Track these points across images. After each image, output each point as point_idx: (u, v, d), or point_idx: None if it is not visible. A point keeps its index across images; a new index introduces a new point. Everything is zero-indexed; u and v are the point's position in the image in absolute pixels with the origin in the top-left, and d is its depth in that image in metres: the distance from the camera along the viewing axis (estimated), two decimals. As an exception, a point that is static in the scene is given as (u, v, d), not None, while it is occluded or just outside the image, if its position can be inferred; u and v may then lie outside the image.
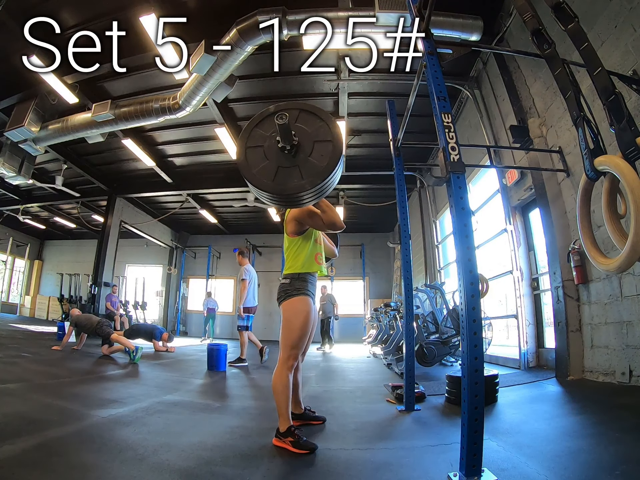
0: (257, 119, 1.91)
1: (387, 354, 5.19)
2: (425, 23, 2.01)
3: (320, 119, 1.84)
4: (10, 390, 2.73)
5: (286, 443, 1.80)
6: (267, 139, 1.83)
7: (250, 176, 1.77)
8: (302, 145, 1.78)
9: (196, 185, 9.06)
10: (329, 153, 1.76)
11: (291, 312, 1.98)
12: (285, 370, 1.92)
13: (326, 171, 1.74)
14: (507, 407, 2.59)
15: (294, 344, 1.95)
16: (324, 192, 1.81)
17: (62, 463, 1.53)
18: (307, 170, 1.75)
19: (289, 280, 2.02)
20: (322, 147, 1.78)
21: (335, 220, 1.99)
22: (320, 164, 1.75)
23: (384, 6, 3.77)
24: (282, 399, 1.88)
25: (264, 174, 1.77)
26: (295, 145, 1.76)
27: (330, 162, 1.75)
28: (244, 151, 1.83)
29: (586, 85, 2.35)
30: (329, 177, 1.74)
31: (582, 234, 1.91)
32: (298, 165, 1.76)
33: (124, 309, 10.00)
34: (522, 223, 4.69)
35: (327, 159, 1.75)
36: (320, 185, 1.73)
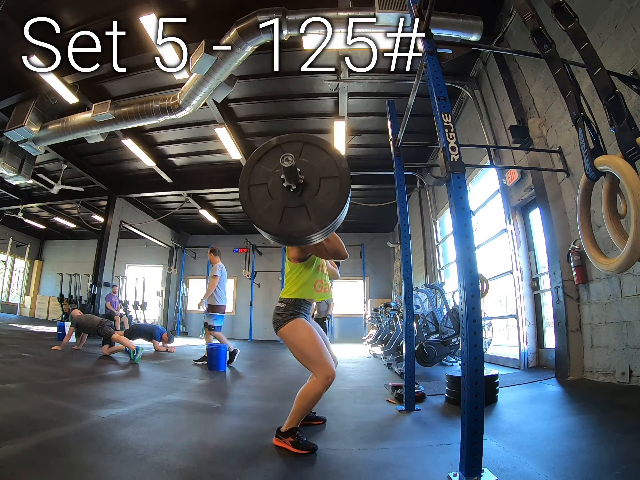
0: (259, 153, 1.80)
1: (387, 354, 5.19)
2: (425, 23, 2.01)
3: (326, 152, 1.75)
4: (10, 390, 2.73)
5: (286, 443, 1.79)
6: (271, 176, 1.72)
7: (256, 217, 1.68)
8: (308, 183, 1.69)
9: (196, 185, 9.05)
10: (337, 191, 1.66)
11: (293, 334, 1.93)
12: (322, 390, 1.85)
13: (334, 211, 1.64)
14: (507, 407, 2.59)
15: (318, 357, 1.88)
16: (332, 229, 1.74)
17: (62, 463, 1.53)
18: (314, 210, 1.65)
19: (284, 305, 1.99)
20: (329, 184, 1.69)
21: (339, 250, 1.95)
22: (328, 202, 1.66)
23: (384, 6, 3.77)
24: (305, 409, 1.86)
25: (269, 215, 1.68)
26: (301, 184, 1.67)
27: (339, 200, 1.65)
28: (247, 190, 1.72)
29: (586, 85, 2.35)
30: (337, 216, 1.65)
31: (582, 234, 1.91)
32: (305, 204, 1.67)
33: (124, 309, 10.00)
34: (522, 223, 4.68)
35: (335, 198, 1.66)
36: (329, 226, 1.65)
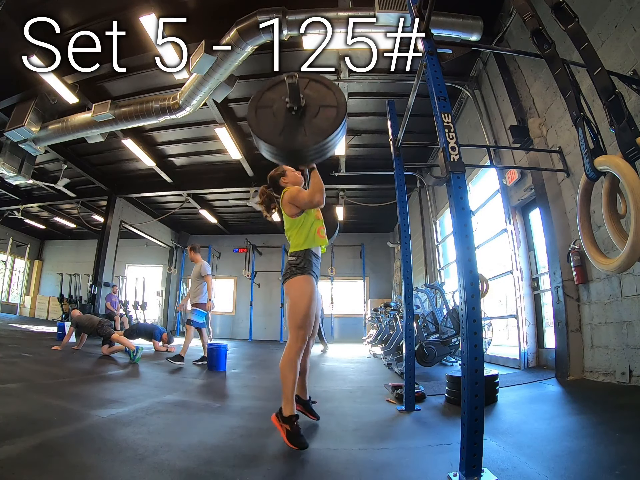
0: (269, 84, 2.09)
1: (387, 354, 5.19)
2: (425, 23, 2.01)
3: (328, 88, 2.02)
4: (10, 390, 2.73)
5: (283, 429, 1.82)
6: (277, 101, 2.00)
7: (258, 131, 1.94)
8: (309, 107, 1.96)
9: (196, 185, 9.05)
10: (333, 117, 1.94)
11: (296, 292, 2.03)
12: (294, 353, 1.95)
13: (328, 132, 1.90)
14: (507, 407, 2.59)
15: (301, 324, 1.99)
16: (324, 152, 1.97)
17: (62, 463, 1.53)
18: (311, 130, 1.92)
19: (295, 258, 2.07)
20: (327, 111, 1.95)
21: (314, 195, 2.00)
22: (324, 125, 1.92)
23: (384, 6, 3.77)
24: (289, 382, 1.90)
25: (271, 130, 1.94)
26: (302, 107, 1.93)
27: (333, 125, 1.92)
28: (255, 110, 2.01)
29: (586, 85, 2.35)
30: (331, 136, 1.90)
31: (582, 234, 1.91)
32: (303, 124, 1.93)
33: (124, 309, 9.99)
34: (522, 223, 4.69)
35: (330, 123, 1.92)
36: (322, 143, 1.90)
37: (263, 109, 2.00)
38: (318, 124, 1.93)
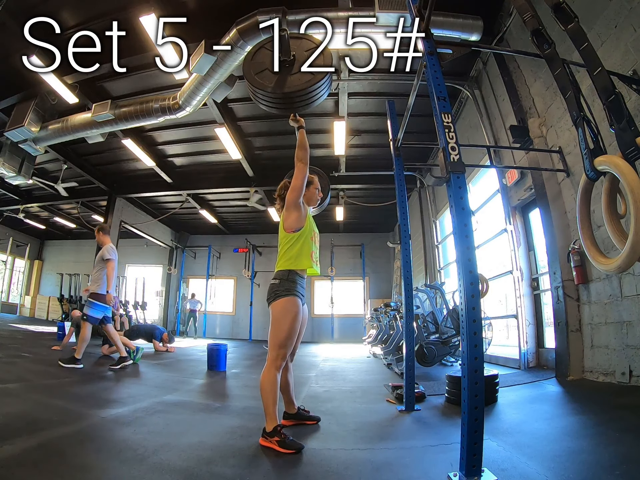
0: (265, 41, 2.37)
1: (387, 354, 5.19)
2: (425, 23, 2.01)
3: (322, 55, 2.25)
4: (10, 390, 2.73)
5: (272, 443, 1.80)
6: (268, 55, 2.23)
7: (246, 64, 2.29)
8: (293, 65, 2.21)
9: (196, 185, 9.05)
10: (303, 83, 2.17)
11: (280, 312, 2.00)
12: (274, 370, 1.94)
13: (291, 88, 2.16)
14: (507, 407, 2.59)
15: (282, 344, 1.97)
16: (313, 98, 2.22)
17: (62, 463, 1.53)
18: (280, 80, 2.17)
19: (278, 281, 2.04)
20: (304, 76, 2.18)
21: (298, 150, 2.14)
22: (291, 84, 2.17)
23: (384, 6, 3.77)
24: (270, 398, 1.89)
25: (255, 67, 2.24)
26: (288, 62, 2.19)
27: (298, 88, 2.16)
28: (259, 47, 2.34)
29: (586, 85, 2.35)
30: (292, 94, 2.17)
31: (582, 234, 1.91)
32: (279, 75, 2.18)
33: (124, 309, 9.99)
34: (522, 223, 4.69)
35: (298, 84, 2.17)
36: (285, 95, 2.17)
37: (264, 50, 2.28)
38: (288, 80, 2.18)
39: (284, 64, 2.15)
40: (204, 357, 4.78)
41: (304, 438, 1.97)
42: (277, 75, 2.16)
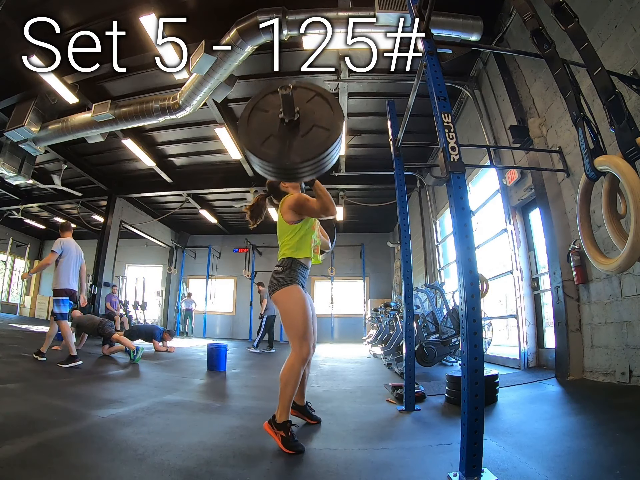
0: (274, 87, 1.92)
1: (387, 354, 5.19)
2: (425, 23, 2.01)
3: (331, 109, 1.86)
4: (10, 390, 2.73)
5: (277, 436, 1.79)
6: (276, 107, 1.86)
7: (244, 133, 1.83)
8: (302, 123, 1.81)
9: (196, 185, 9.05)
10: (322, 141, 1.76)
11: (287, 302, 1.96)
12: (299, 363, 1.87)
13: (308, 155, 1.74)
14: (507, 407, 2.59)
15: (303, 333, 1.90)
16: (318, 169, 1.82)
17: (62, 463, 1.53)
18: (293, 147, 1.78)
19: (281, 269, 2.02)
20: (319, 133, 1.79)
21: (329, 206, 1.97)
22: (308, 147, 1.76)
23: (384, 6, 3.77)
24: (289, 391, 1.86)
25: (256, 135, 1.81)
26: (294, 121, 1.79)
27: (317, 150, 1.75)
28: (251, 109, 1.89)
29: (586, 85, 2.35)
30: (307, 162, 1.75)
31: (582, 234, 1.91)
32: (289, 139, 1.80)
33: (124, 309, 9.99)
34: (522, 223, 4.68)
35: (316, 146, 1.75)
36: (297, 166, 1.76)
37: (257, 112, 1.89)
38: (302, 144, 1.78)
39: (289, 125, 1.79)
40: (204, 357, 4.78)
41: (304, 438, 1.97)
42: (282, 140, 1.79)
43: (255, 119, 1.86)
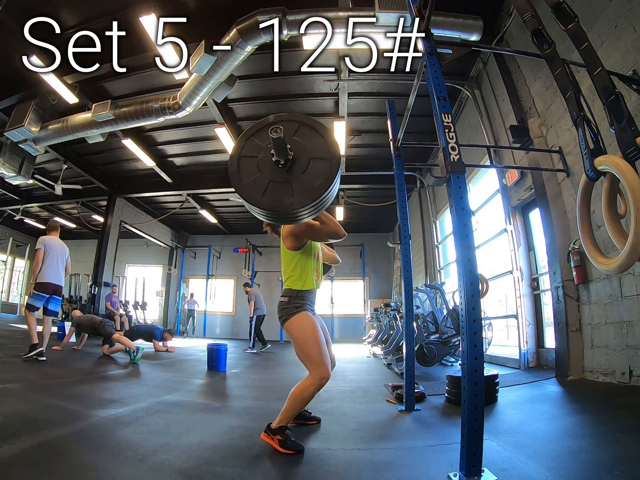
0: (255, 127, 1.82)
1: (387, 354, 5.19)
2: (425, 23, 2.01)
3: (320, 135, 1.76)
4: (10, 390, 2.73)
5: (274, 441, 1.79)
6: (263, 150, 1.73)
7: (240, 188, 1.70)
8: (298, 160, 1.70)
9: (196, 185, 9.06)
10: (324, 173, 1.67)
11: (298, 331, 1.93)
12: (315, 387, 1.84)
13: (318, 191, 1.64)
14: (507, 407, 2.59)
15: (319, 360, 1.86)
16: (314, 211, 1.72)
17: (62, 463, 1.53)
18: (298, 188, 1.66)
19: (287, 299, 1.99)
20: (318, 165, 1.69)
21: (336, 230, 1.95)
22: (314, 183, 1.66)
23: (384, 6, 3.77)
24: (296, 408, 1.86)
25: (254, 187, 1.68)
26: (290, 160, 1.68)
27: (325, 182, 1.65)
28: (237, 160, 1.75)
29: (586, 85, 2.35)
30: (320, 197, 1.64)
31: (582, 234, 1.91)
32: (290, 181, 1.68)
33: (124, 309, 10.00)
34: (522, 223, 4.68)
35: (322, 179, 1.66)
36: (310, 205, 1.64)
37: (246, 160, 1.74)
38: (307, 181, 1.66)
39: (285, 166, 1.67)
40: (204, 357, 4.78)
41: (304, 438, 1.97)
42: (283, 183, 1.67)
43: (246, 168, 1.73)
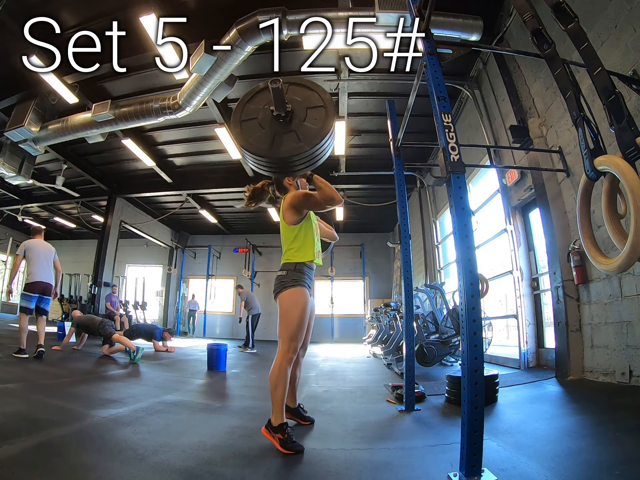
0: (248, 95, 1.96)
1: (387, 354, 5.19)
2: (425, 23, 2.01)
3: (310, 89, 1.89)
4: (10, 390, 2.73)
5: (275, 439, 1.79)
6: (261, 111, 1.86)
7: (248, 145, 1.79)
8: (296, 112, 1.82)
9: (196, 185, 9.06)
10: (323, 117, 1.80)
11: (288, 303, 1.96)
12: (285, 364, 1.90)
13: (323, 132, 1.76)
14: (507, 407, 2.59)
15: (293, 336, 1.92)
16: (318, 158, 1.82)
17: (62, 463, 1.53)
18: (303, 134, 1.78)
19: (285, 272, 2.01)
20: (316, 112, 1.82)
21: (333, 195, 1.95)
22: (316, 126, 1.79)
23: (384, 6, 3.77)
24: (279, 392, 1.88)
25: (261, 141, 1.80)
26: (289, 112, 1.80)
27: (326, 124, 1.78)
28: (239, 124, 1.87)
29: (586, 85, 2.35)
30: (325, 138, 1.76)
31: (582, 234, 1.91)
32: (294, 130, 1.80)
33: (124, 309, 10.00)
34: (522, 223, 4.68)
35: (322, 122, 1.79)
36: (318, 147, 1.76)
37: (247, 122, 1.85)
38: (309, 127, 1.79)
39: (281, 120, 1.79)
40: (204, 357, 4.78)
41: (304, 438, 1.97)
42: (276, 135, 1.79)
43: (249, 129, 1.85)
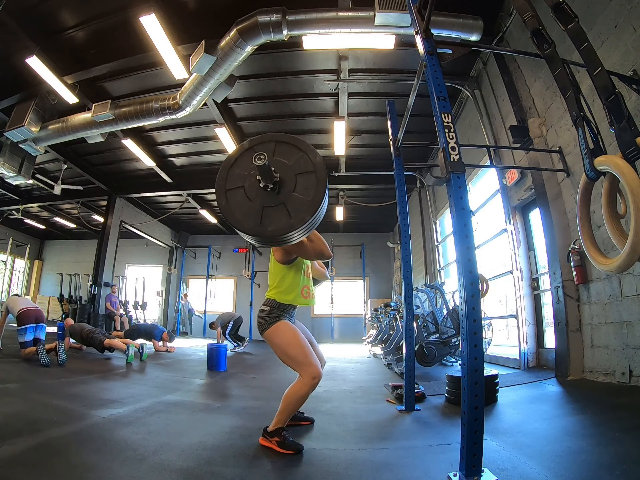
0: (233, 157, 1.78)
1: (387, 354, 5.19)
2: (425, 23, 2.01)
3: (299, 149, 1.73)
4: (10, 390, 2.73)
5: (272, 443, 1.79)
6: (247, 178, 1.69)
7: (235, 221, 1.65)
8: (284, 180, 1.67)
9: (196, 185, 9.05)
10: (313, 185, 1.65)
11: (276, 337, 1.92)
12: (308, 388, 1.84)
13: (314, 205, 1.62)
14: (507, 407, 2.59)
15: (304, 361, 1.86)
16: (313, 226, 1.70)
17: (62, 463, 1.53)
18: (293, 207, 1.63)
19: (268, 308, 1.98)
20: (305, 179, 1.67)
21: (323, 250, 1.95)
22: (306, 197, 1.64)
23: (384, 6, 3.77)
24: (291, 410, 1.86)
25: (249, 217, 1.65)
26: (277, 182, 1.65)
27: (317, 194, 1.63)
28: (224, 194, 1.69)
29: (586, 85, 2.35)
30: (317, 210, 1.63)
31: (582, 234, 1.91)
32: (283, 202, 1.65)
33: (124, 309, 10.00)
34: (522, 223, 4.68)
35: (313, 192, 1.63)
36: (310, 220, 1.62)
37: (233, 192, 1.69)
38: (299, 198, 1.64)
39: (269, 189, 1.64)
40: (204, 357, 4.79)
41: (304, 438, 1.97)
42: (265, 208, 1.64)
43: (236, 200, 1.68)
